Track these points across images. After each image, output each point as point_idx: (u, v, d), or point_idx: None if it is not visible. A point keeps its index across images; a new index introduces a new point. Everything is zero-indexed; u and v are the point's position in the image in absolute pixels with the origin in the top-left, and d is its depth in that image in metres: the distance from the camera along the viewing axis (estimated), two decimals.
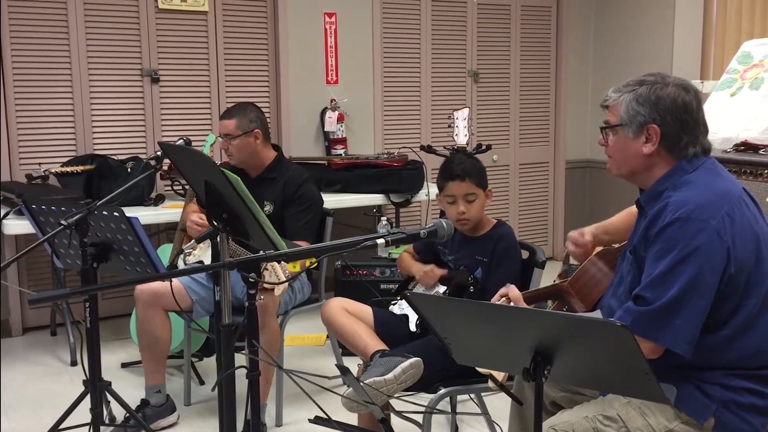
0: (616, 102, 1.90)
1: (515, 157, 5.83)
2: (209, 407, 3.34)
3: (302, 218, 3.21)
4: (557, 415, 1.94)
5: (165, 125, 4.63)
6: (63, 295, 1.63)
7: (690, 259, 1.72)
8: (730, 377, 1.80)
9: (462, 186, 2.56)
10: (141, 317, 3.07)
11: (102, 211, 2.40)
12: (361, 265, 3.94)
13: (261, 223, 2.13)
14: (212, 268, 2.12)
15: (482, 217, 2.63)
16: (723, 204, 1.78)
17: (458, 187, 2.57)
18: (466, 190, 2.56)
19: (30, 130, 4.32)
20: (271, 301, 2.92)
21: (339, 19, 5.04)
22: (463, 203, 2.57)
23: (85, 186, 4.08)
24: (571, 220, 6.07)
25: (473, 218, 2.58)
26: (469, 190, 2.56)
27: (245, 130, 3.21)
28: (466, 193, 2.56)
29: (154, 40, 4.54)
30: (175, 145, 2.63)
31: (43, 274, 4.41)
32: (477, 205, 2.58)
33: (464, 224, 2.59)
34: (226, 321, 2.08)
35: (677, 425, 1.81)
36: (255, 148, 3.25)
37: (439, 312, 1.66)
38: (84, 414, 2.54)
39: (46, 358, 4.01)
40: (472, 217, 2.57)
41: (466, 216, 2.57)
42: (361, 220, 4.83)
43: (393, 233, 1.77)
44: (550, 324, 1.49)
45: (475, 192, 2.57)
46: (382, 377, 2.27)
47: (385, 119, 5.25)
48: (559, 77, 5.92)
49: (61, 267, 2.78)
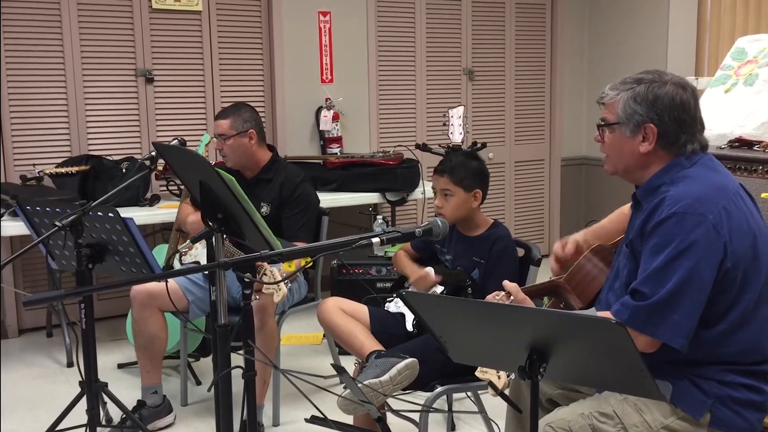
0: (613, 100, 1.89)
1: (511, 155, 5.83)
2: (206, 407, 3.34)
3: (299, 219, 3.20)
4: (553, 413, 1.94)
5: (159, 125, 4.62)
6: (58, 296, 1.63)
7: (687, 253, 1.72)
8: (726, 373, 1.81)
9: (440, 180, 2.63)
10: (137, 318, 3.06)
11: (97, 212, 2.39)
12: (358, 264, 3.94)
13: (256, 222, 2.13)
14: (208, 269, 2.11)
15: (470, 217, 2.64)
16: (720, 198, 1.78)
17: (437, 181, 2.65)
18: (442, 185, 2.62)
19: (24, 130, 4.31)
20: (268, 301, 2.92)
21: (333, 18, 5.03)
22: (440, 197, 2.63)
23: (80, 187, 4.07)
24: (567, 218, 6.08)
25: (447, 215, 2.60)
26: (445, 186, 2.61)
27: (239, 131, 3.20)
28: (442, 188, 2.62)
29: (148, 40, 4.53)
30: (169, 145, 2.62)
31: (39, 276, 4.40)
32: (452, 202, 2.60)
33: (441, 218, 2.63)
34: (222, 321, 2.08)
35: (673, 421, 1.81)
36: (250, 148, 3.24)
37: (434, 311, 1.66)
38: (80, 415, 2.54)
39: (42, 359, 4.00)
40: (445, 213, 2.60)
41: (441, 211, 2.62)
42: (357, 218, 4.82)
43: (388, 232, 1.77)
44: (546, 322, 1.49)
45: (451, 189, 2.60)
46: (378, 379, 2.27)
47: (380, 118, 5.25)
48: (554, 74, 5.92)
49: (57, 268, 2.78)
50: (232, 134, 3.20)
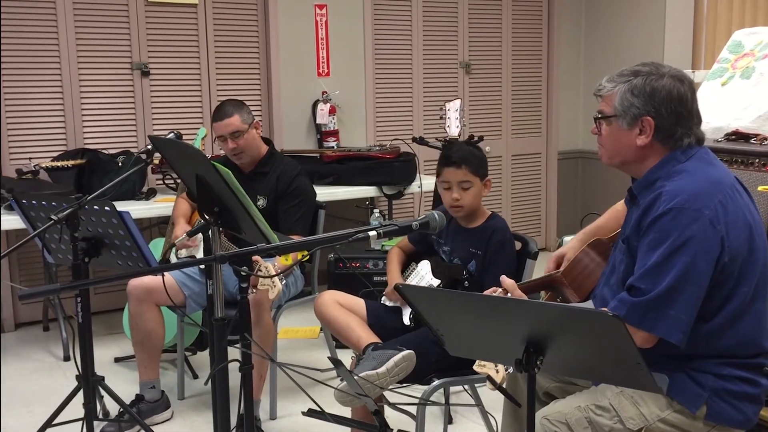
0: (610, 92, 1.88)
1: (507, 149, 5.83)
2: (203, 401, 3.34)
3: (296, 213, 3.19)
4: (550, 405, 1.94)
5: (156, 119, 4.61)
6: (54, 290, 1.62)
7: (684, 249, 1.72)
8: (722, 366, 1.81)
9: (458, 173, 2.57)
10: (134, 313, 3.06)
11: (93, 206, 2.38)
12: (354, 258, 3.94)
13: (252, 216, 2.13)
14: (204, 262, 2.11)
15: (478, 207, 2.64)
16: (716, 193, 1.78)
17: (454, 174, 2.58)
18: (461, 177, 2.57)
19: (20, 124, 4.29)
20: (265, 296, 2.91)
21: (330, 11, 5.02)
22: (457, 190, 2.58)
23: (76, 180, 4.06)
24: (564, 211, 6.09)
25: (467, 206, 2.58)
26: (464, 178, 2.57)
27: (250, 123, 3.20)
28: (461, 180, 2.57)
29: (143, 33, 4.51)
30: (165, 138, 2.62)
31: (35, 270, 4.40)
32: (471, 193, 2.58)
33: (458, 211, 2.61)
34: (219, 315, 2.08)
35: (669, 414, 1.81)
36: (258, 140, 3.25)
37: (431, 304, 1.66)
38: (77, 409, 2.54)
39: (39, 353, 4.00)
40: (465, 204, 2.58)
41: (459, 203, 2.58)
42: (354, 212, 4.82)
43: (385, 225, 1.77)
44: (542, 315, 1.49)
45: (471, 180, 2.57)
46: (375, 371, 2.27)
47: (377, 111, 5.24)
48: (551, 68, 5.92)
49: (53, 262, 2.77)
50: (245, 128, 3.18)
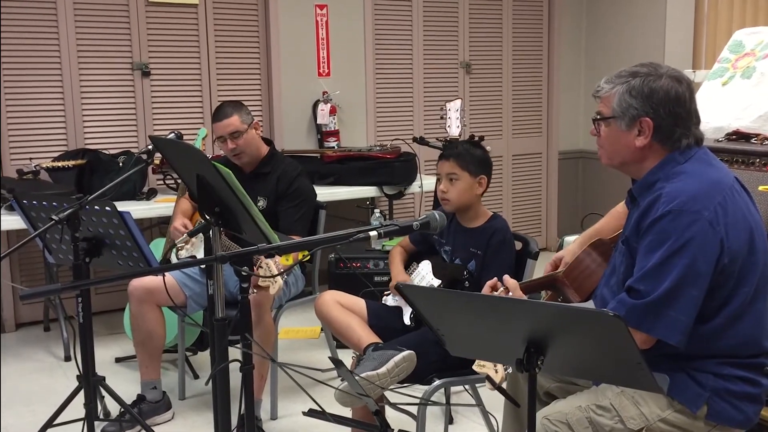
0: (608, 93, 1.88)
1: (508, 149, 5.83)
2: (204, 401, 3.34)
3: (296, 213, 3.19)
4: (551, 405, 1.94)
5: (156, 119, 4.61)
6: (54, 290, 1.62)
7: (683, 250, 1.72)
8: (723, 366, 1.81)
9: (445, 165, 2.64)
10: (135, 314, 3.06)
11: (94, 206, 2.39)
12: (355, 258, 3.94)
13: (253, 216, 2.13)
14: (205, 262, 2.11)
15: (470, 204, 2.64)
16: (716, 194, 1.77)
17: (442, 166, 2.66)
18: (448, 170, 2.63)
19: (20, 125, 4.29)
20: (265, 296, 2.91)
21: (330, 11, 5.02)
22: (445, 182, 2.64)
23: (77, 181, 4.06)
24: (564, 211, 6.09)
25: (453, 199, 2.61)
26: (450, 170, 2.62)
27: (249, 123, 3.20)
28: (448, 172, 2.63)
29: (144, 34, 4.51)
30: (166, 138, 2.62)
31: (36, 270, 4.40)
32: (458, 186, 2.61)
33: (445, 204, 2.65)
34: (220, 315, 2.08)
35: (670, 414, 1.81)
36: (258, 140, 3.25)
37: (432, 303, 1.66)
38: (78, 409, 2.54)
39: (40, 353, 4.00)
40: (451, 198, 2.61)
41: (446, 195, 2.63)
42: (355, 212, 4.82)
43: (386, 225, 1.77)
44: (543, 314, 1.49)
45: (457, 173, 2.61)
46: (375, 371, 2.27)
47: (377, 111, 5.24)
48: (552, 68, 5.92)
49: (54, 262, 2.77)
50: (244, 128, 3.18)
